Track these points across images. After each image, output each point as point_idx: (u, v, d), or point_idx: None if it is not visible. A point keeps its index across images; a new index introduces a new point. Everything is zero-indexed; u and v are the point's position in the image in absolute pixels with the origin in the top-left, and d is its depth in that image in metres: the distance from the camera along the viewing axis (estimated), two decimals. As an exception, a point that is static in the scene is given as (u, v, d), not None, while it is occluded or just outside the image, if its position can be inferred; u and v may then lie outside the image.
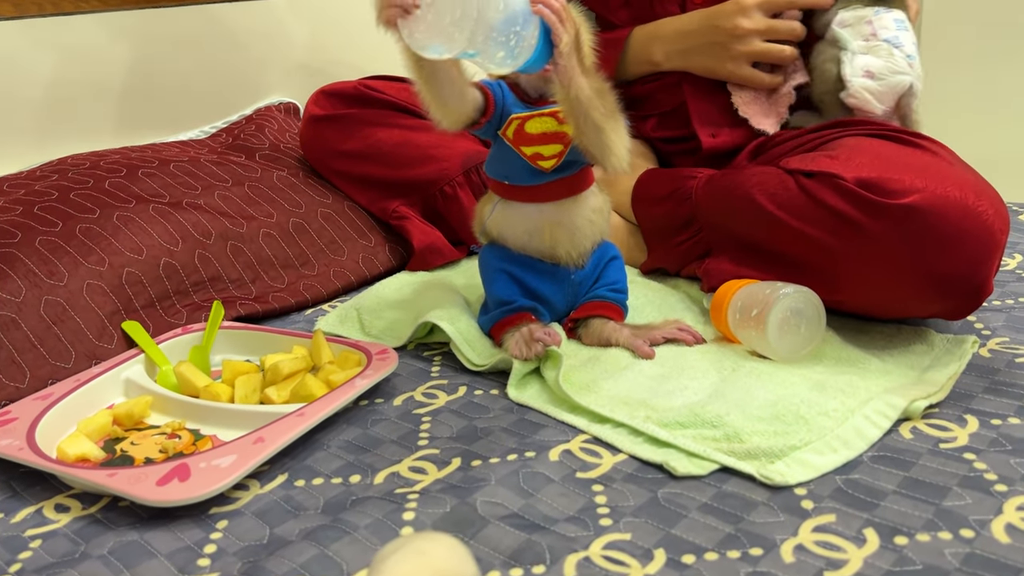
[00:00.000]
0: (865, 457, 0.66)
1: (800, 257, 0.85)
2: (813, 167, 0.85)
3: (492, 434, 0.73)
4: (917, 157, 0.83)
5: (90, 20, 1.32)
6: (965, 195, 0.76)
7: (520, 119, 0.79)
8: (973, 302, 0.78)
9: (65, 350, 0.86)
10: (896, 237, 0.77)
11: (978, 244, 0.76)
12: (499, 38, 0.68)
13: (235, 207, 1.10)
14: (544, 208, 0.83)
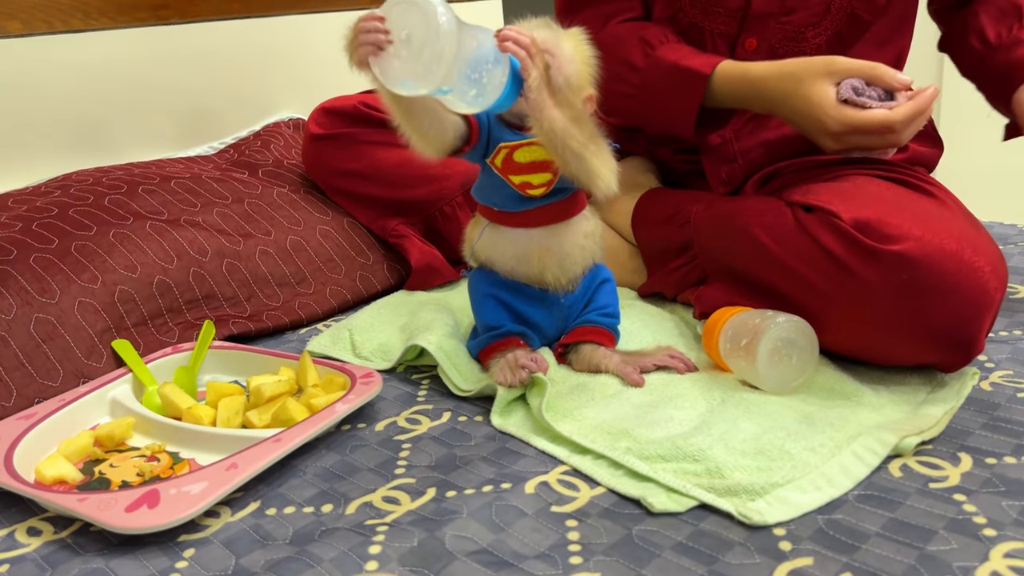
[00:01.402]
0: (850, 496, 0.64)
1: (790, 294, 0.83)
2: (813, 201, 0.83)
3: (470, 463, 0.72)
4: (921, 203, 0.81)
5: (101, 37, 1.33)
6: (962, 248, 0.74)
7: (509, 148, 0.78)
8: (962, 358, 0.76)
9: (53, 368, 0.86)
10: (886, 283, 0.75)
11: (970, 300, 0.73)
12: (472, 75, 0.68)
13: (233, 224, 1.10)
14: (533, 233, 0.82)
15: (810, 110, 0.85)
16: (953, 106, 1.98)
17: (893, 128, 0.82)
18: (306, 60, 1.59)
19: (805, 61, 0.87)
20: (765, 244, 0.84)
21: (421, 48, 0.65)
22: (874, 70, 0.84)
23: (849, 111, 0.83)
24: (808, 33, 0.98)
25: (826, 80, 0.85)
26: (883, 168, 0.92)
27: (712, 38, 1.00)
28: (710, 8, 0.98)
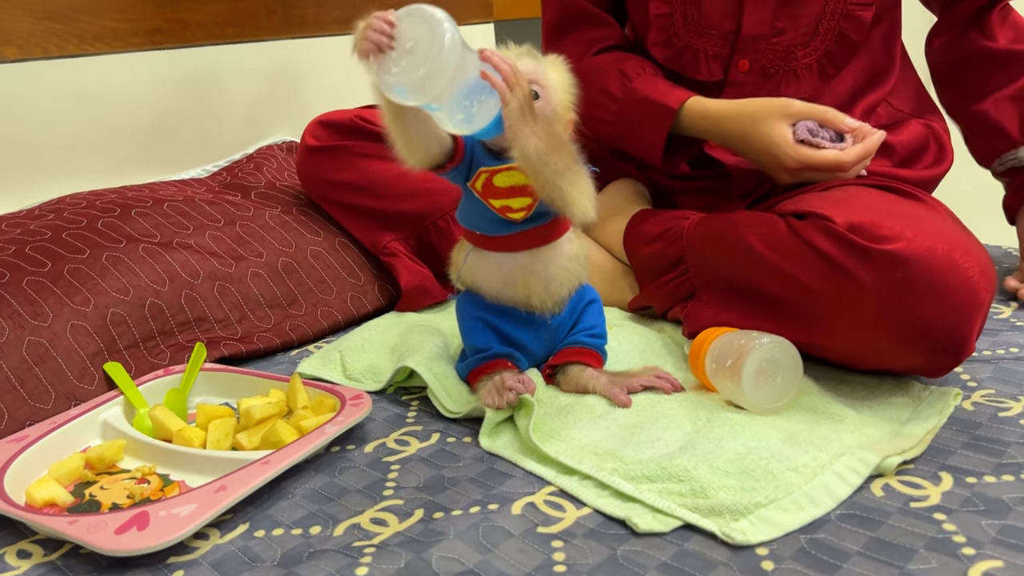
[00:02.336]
0: (833, 516, 0.64)
1: (785, 299, 0.84)
2: (806, 208, 0.85)
3: (458, 484, 0.72)
4: (912, 208, 0.83)
5: (96, 62, 1.35)
6: (952, 250, 0.76)
7: (489, 172, 0.79)
8: (953, 359, 0.77)
9: (45, 391, 0.87)
10: (880, 282, 0.76)
11: (961, 300, 0.75)
12: (464, 101, 0.69)
13: (225, 247, 1.10)
14: (517, 257, 0.83)
15: (768, 147, 0.94)
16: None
17: (843, 167, 0.92)
18: (299, 84, 1.61)
19: (764, 102, 0.95)
20: (759, 251, 0.86)
21: (421, 63, 0.66)
22: (826, 114, 0.92)
23: (805, 150, 0.92)
24: (798, 53, 1.00)
25: (783, 121, 0.94)
26: (872, 180, 0.95)
27: (706, 60, 1.02)
28: (703, 31, 1.01)
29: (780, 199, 0.97)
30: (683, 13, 1.01)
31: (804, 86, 1.01)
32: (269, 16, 1.55)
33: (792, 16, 0.99)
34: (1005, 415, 0.77)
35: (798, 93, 1.00)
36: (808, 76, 1.01)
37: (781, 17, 0.99)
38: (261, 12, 1.54)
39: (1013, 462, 0.70)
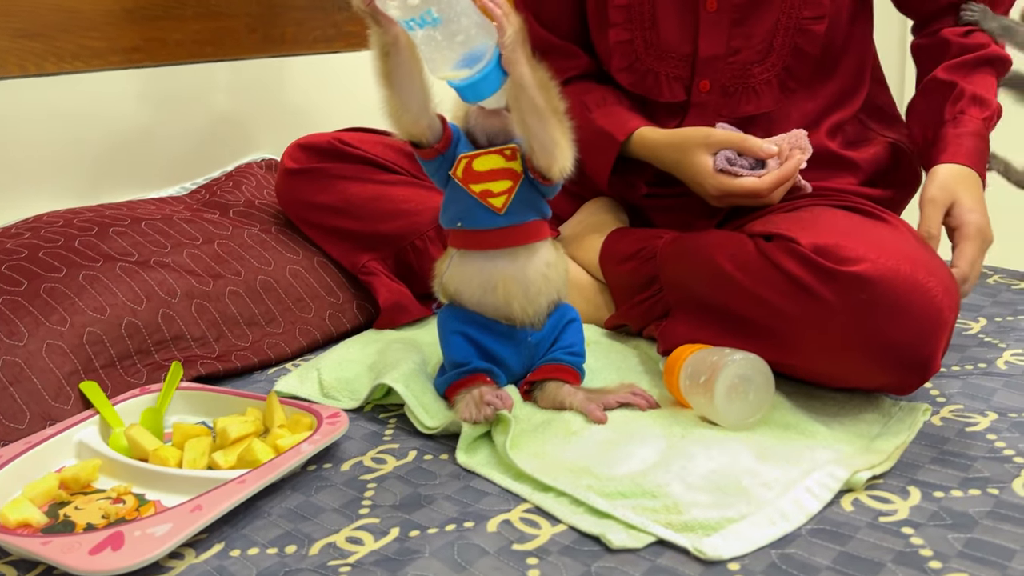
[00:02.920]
0: (803, 530, 0.65)
1: (755, 319, 0.85)
2: (773, 230, 0.87)
3: (435, 502, 0.73)
4: (877, 230, 0.85)
5: (74, 80, 1.35)
6: (916, 270, 0.77)
7: (468, 157, 0.82)
8: (919, 376, 0.79)
9: (20, 411, 0.86)
10: (845, 303, 0.78)
11: (925, 318, 0.76)
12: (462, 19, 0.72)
13: (203, 265, 1.11)
14: (497, 260, 0.84)
15: (694, 176, 0.98)
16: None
17: (761, 194, 0.95)
18: (278, 102, 1.62)
19: (689, 132, 0.99)
20: (729, 272, 0.87)
21: None
22: (744, 143, 0.95)
23: (723, 179, 0.95)
24: (755, 70, 1.02)
25: (704, 151, 0.97)
26: (836, 199, 0.96)
27: (668, 82, 1.04)
28: (663, 55, 1.03)
29: (749, 219, 0.98)
30: (643, 39, 1.04)
31: (765, 101, 1.03)
32: (249, 35, 1.55)
33: (746, 35, 1.01)
34: (972, 430, 0.79)
35: (759, 109, 1.03)
36: (768, 91, 1.03)
37: (736, 37, 1.01)
38: (241, 31, 1.54)
39: (979, 476, 0.71)
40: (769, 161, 0.95)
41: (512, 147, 0.82)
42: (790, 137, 0.97)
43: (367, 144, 1.20)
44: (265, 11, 1.58)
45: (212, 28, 1.50)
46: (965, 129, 0.98)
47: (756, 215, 0.99)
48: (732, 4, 1.00)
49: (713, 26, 1.01)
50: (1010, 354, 0.95)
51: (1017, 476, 0.71)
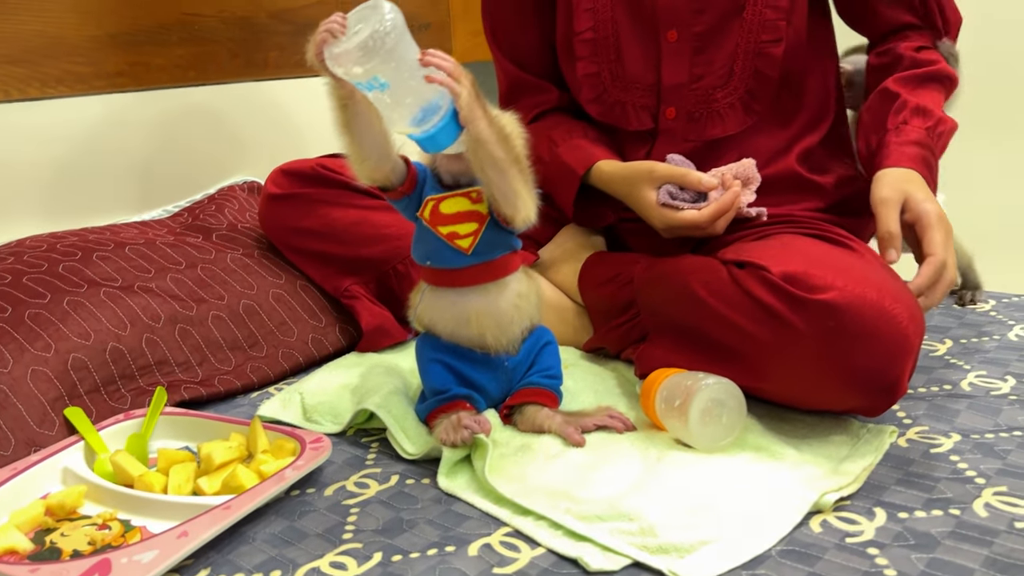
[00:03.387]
0: (773, 552, 0.68)
1: (728, 344, 0.88)
2: (744, 257, 0.89)
3: (416, 527, 0.74)
4: (844, 258, 0.88)
5: (58, 105, 1.36)
6: (882, 297, 0.80)
7: (435, 200, 0.84)
8: (887, 400, 0.81)
9: (5, 437, 0.87)
10: (814, 330, 0.80)
11: (891, 344, 0.79)
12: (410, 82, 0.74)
13: (186, 290, 1.12)
14: (468, 295, 0.86)
15: (640, 209, 1.03)
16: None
17: (701, 227, 0.98)
18: (259, 125, 1.63)
19: (636, 167, 1.03)
20: (703, 298, 0.90)
21: (367, 32, 0.71)
22: (684, 177, 0.98)
23: (666, 212, 0.99)
24: (718, 95, 1.05)
25: (648, 185, 1.00)
26: (805, 227, 0.99)
27: (635, 111, 1.08)
28: (629, 86, 1.07)
29: (722, 245, 1.01)
30: (609, 71, 1.07)
31: (730, 125, 1.06)
32: (232, 59, 1.57)
33: (707, 61, 1.04)
34: (937, 451, 0.82)
35: (725, 132, 1.06)
36: (732, 115, 1.06)
37: (697, 64, 1.04)
38: (224, 55, 1.56)
39: (942, 497, 0.74)
40: (711, 193, 0.98)
41: (478, 189, 0.84)
42: (737, 167, 1.00)
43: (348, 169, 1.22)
44: (248, 36, 1.60)
45: (195, 53, 1.52)
46: (907, 138, 1.00)
47: (728, 242, 1.02)
48: (692, 33, 1.03)
49: (675, 56, 1.04)
50: (974, 375, 0.98)
51: (978, 497, 0.73)
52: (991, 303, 1.23)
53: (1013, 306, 1.20)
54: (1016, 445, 0.82)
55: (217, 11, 1.55)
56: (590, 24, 1.07)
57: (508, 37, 1.20)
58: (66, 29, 1.35)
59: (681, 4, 1.03)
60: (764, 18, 1.02)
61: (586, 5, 1.07)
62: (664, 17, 1.04)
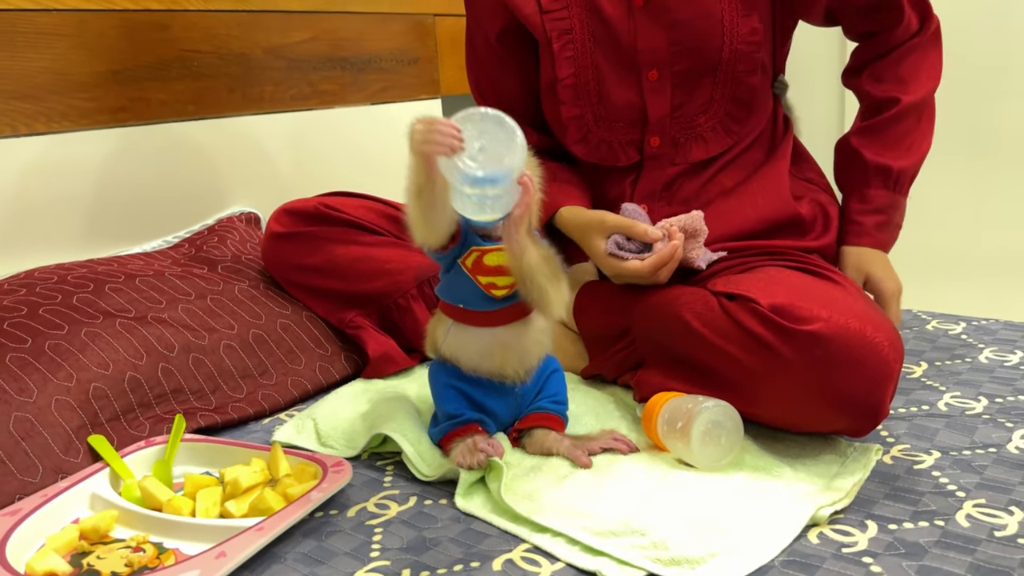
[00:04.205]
0: (776, 562, 0.73)
1: (721, 372, 0.93)
2: (734, 290, 0.95)
3: (440, 544, 0.79)
4: (827, 289, 0.94)
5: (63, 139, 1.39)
6: (864, 327, 0.86)
7: (480, 251, 0.88)
8: (870, 422, 0.87)
9: (33, 465, 0.90)
10: (802, 358, 0.87)
11: (873, 370, 0.85)
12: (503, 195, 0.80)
13: (198, 320, 1.16)
14: (496, 332, 0.91)
15: (592, 257, 1.09)
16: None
17: (644, 277, 1.03)
18: (255, 157, 1.68)
19: (589, 217, 1.08)
20: (696, 329, 0.95)
21: (501, 159, 0.78)
22: (631, 228, 1.03)
23: (613, 262, 1.04)
24: (699, 120, 1.11)
25: (599, 235, 1.06)
26: (788, 258, 1.06)
27: (622, 148, 1.14)
28: (613, 124, 1.13)
29: (710, 277, 1.06)
30: (592, 113, 1.13)
31: (712, 146, 1.12)
32: (230, 94, 1.61)
33: (688, 91, 1.10)
34: (919, 467, 0.88)
35: (708, 153, 1.12)
36: (714, 137, 1.12)
37: (678, 95, 1.10)
38: (222, 91, 1.60)
39: (927, 509, 0.80)
40: (656, 244, 1.03)
41: None
42: (685, 219, 1.05)
43: (350, 207, 1.27)
44: (244, 72, 1.64)
45: (194, 88, 1.56)
46: (870, 205, 1.13)
47: (716, 272, 1.07)
48: (672, 72, 1.09)
49: (656, 92, 1.10)
50: (950, 396, 1.05)
51: (960, 509, 0.79)
52: (962, 325, 1.31)
53: (982, 330, 1.28)
54: (992, 461, 0.88)
55: (215, 48, 1.60)
56: (571, 71, 1.12)
57: (490, 86, 1.25)
58: (71, 66, 1.39)
59: (661, 46, 1.09)
60: (740, 52, 1.08)
61: (567, 53, 1.12)
62: (645, 59, 1.09)
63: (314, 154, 1.76)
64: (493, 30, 1.19)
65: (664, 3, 1.07)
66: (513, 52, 1.20)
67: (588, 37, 1.11)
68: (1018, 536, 0.74)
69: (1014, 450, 0.90)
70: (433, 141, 0.77)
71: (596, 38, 1.11)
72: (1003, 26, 1.92)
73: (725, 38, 1.07)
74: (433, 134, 0.77)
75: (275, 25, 1.69)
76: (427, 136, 0.77)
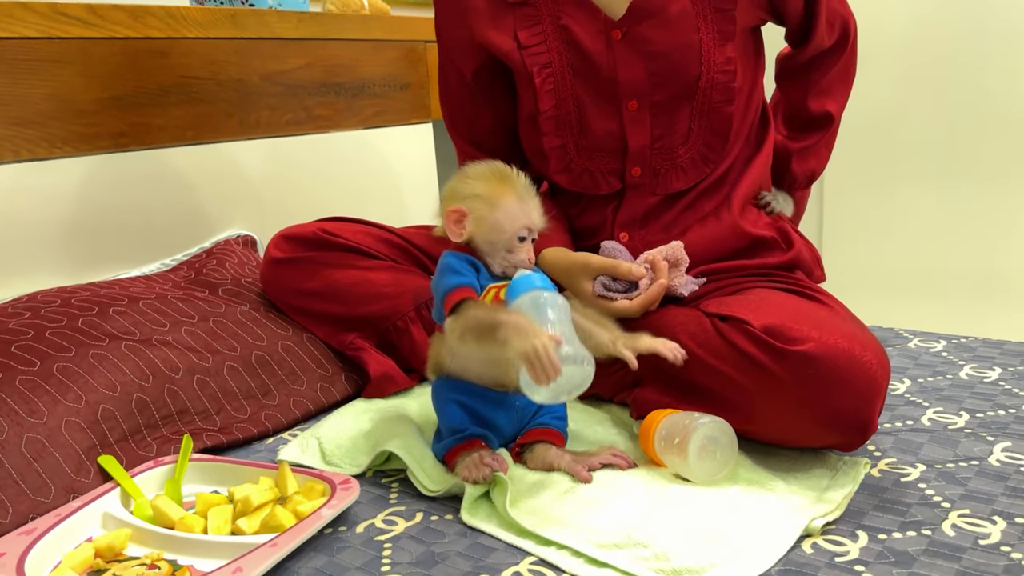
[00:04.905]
0: (773, 571, 0.76)
1: (716, 390, 0.97)
2: (727, 312, 0.99)
3: (448, 558, 0.81)
4: (816, 310, 0.98)
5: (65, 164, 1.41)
6: (852, 346, 0.90)
7: (496, 288, 0.92)
8: (860, 437, 0.91)
9: (45, 485, 0.92)
10: (793, 377, 0.90)
11: (862, 388, 0.89)
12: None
13: (201, 342, 1.18)
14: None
15: (580, 299, 1.09)
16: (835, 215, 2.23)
17: (632, 315, 1.07)
18: (252, 181, 1.70)
19: (573, 260, 1.12)
20: (692, 349, 0.99)
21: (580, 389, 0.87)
22: (615, 269, 1.08)
23: (601, 303, 1.08)
24: (679, 151, 1.14)
25: (584, 278, 1.10)
26: (776, 280, 1.09)
27: (604, 177, 1.17)
28: (594, 154, 1.15)
29: (703, 298, 1.10)
30: (574, 143, 1.16)
31: (691, 176, 1.15)
32: (227, 119, 1.64)
33: (667, 123, 1.13)
34: (906, 480, 0.92)
35: (687, 184, 1.15)
36: (693, 167, 1.15)
37: (658, 126, 1.14)
38: (219, 116, 1.63)
39: (914, 520, 0.83)
40: (641, 281, 1.08)
41: None
42: (667, 250, 1.09)
43: (348, 233, 1.30)
44: (241, 98, 1.67)
45: (193, 114, 1.58)
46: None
47: (708, 295, 1.11)
48: (651, 102, 1.12)
49: (636, 122, 1.13)
50: (932, 412, 1.09)
51: (945, 519, 0.83)
52: (942, 343, 1.35)
53: (962, 347, 1.33)
54: (975, 473, 0.92)
55: (213, 74, 1.62)
56: (552, 102, 1.15)
57: (465, 122, 1.28)
58: (74, 93, 1.41)
59: (640, 77, 1.12)
60: (716, 81, 1.11)
61: (548, 86, 1.15)
62: (625, 90, 1.12)
63: (309, 177, 1.79)
64: (468, 69, 1.22)
65: (642, 35, 1.11)
66: (488, 88, 1.23)
67: (568, 70, 1.14)
68: (1001, 544, 0.78)
69: (995, 462, 0.94)
70: (535, 365, 0.81)
71: (575, 70, 1.14)
72: (979, 50, 1.99)
73: (703, 67, 1.11)
74: (542, 363, 0.81)
75: (271, 52, 1.72)
76: (535, 360, 0.82)
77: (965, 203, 2.07)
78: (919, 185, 2.12)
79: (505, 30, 1.16)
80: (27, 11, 1.33)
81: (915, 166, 2.12)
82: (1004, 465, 0.93)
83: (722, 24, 1.11)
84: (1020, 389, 1.14)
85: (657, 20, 1.11)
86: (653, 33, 1.11)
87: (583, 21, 1.13)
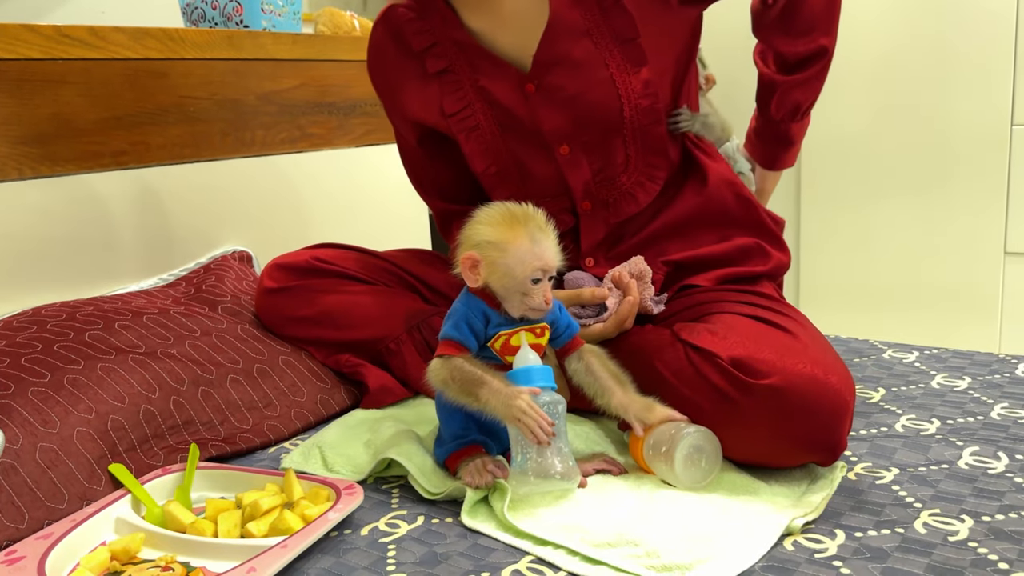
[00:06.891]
0: (757, 567, 0.81)
1: (693, 418, 1.00)
2: (696, 342, 1.02)
3: (451, 558, 0.86)
4: (779, 338, 1.01)
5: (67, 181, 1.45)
6: (815, 372, 0.95)
7: (507, 335, 0.97)
8: (831, 456, 0.96)
9: (59, 492, 0.95)
10: (762, 409, 0.95)
11: (830, 411, 0.94)
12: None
13: (204, 355, 1.22)
14: None
15: None
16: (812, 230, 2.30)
17: (608, 336, 1.13)
18: (247, 198, 1.75)
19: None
20: (667, 377, 1.03)
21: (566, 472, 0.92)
22: (578, 298, 1.13)
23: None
24: (621, 179, 1.18)
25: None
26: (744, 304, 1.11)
27: (556, 216, 1.11)
28: (541, 200, 1.12)
29: (676, 319, 1.13)
30: (521, 192, 1.18)
31: (642, 199, 1.19)
32: (223, 138, 1.68)
33: (603, 157, 1.16)
34: (880, 483, 0.97)
35: (639, 207, 1.18)
36: (641, 192, 1.19)
37: (595, 162, 1.17)
38: (215, 135, 1.67)
39: (888, 519, 0.89)
40: (609, 301, 1.12)
41: (543, 325, 0.98)
42: (630, 266, 1.14)
43: (340, 259, 1.34)
44: (237, 117, 1.71)
45: (190, 132, 1.63)
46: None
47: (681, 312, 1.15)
48: (581, 143, 1.16)
49: (573, 165, 1.17)
50: (905, 419, 1.15)
51: (917, 518, 0.89)
52: (915, 354, 1.41)
53: (934, 358, 1.39)
54: (944, 476, 0.98)
55: (210, 94, 1.67)
56: (489, 161, 1.19)
57: (428, 180, 1.33)
58: (76, 112, 1.45)
59: (562, 124, 1.15)
60: (640, 107, 1.14)
61: (480, 148, 1.19)
62: (552, 138, 1.16)
63: (303, 194, 1.84)
64: (413, 137, 1.28)
65: (553, 83, 1.14)
66: (438, 150, 1.28)
67: (496, 127, 1.18)
68: (969, 540, 0.84)
69: (964, 466, 1.00)
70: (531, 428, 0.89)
71: (504, 126, 1.18)
72: (945, 77, 2.07)
73: (621, 100, 1.13)
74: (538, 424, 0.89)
75: (266, 73, 1.77)
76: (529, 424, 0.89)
77: (937, 219, 2.14)
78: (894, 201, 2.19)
79: (430, 102, 1.21)
80: (32, 33, 1.37)
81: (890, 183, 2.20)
82: (972, 468, 0.99)
83: (629, 52, 1.13)
84: (988, 397, 1.21)
85: (563, 67, 1.13)
86: (563, 80, 1.13)
87: (498, 79, 1.16)
